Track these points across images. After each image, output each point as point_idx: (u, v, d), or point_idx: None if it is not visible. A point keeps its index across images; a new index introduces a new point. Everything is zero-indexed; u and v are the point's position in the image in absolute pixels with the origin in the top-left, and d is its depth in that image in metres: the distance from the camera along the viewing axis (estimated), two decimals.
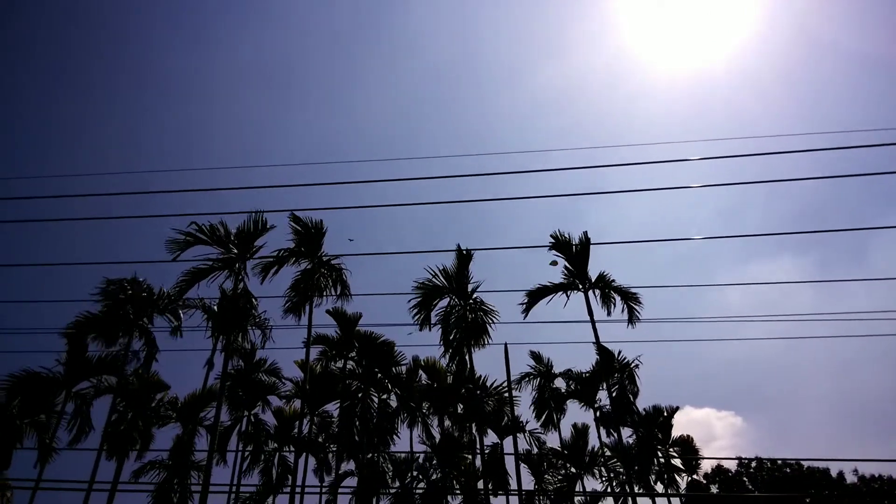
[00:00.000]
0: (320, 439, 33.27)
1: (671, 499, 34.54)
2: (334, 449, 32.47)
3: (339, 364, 31.90)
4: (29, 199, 18.73)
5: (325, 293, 27.93)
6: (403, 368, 32.47)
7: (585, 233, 28.48)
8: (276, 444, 33.52)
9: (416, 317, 27.84)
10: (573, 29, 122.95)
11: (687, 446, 36.20)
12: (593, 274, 28.39)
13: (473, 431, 28.90)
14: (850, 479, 43.00)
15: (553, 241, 28.66)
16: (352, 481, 30.28)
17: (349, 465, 31.32)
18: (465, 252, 27.88)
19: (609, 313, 27.79)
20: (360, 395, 30.87)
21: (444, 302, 28.30)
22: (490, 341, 27.37)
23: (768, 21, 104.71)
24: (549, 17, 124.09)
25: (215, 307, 28.30)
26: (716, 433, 74.21)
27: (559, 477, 33.03)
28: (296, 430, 32.37)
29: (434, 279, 28.36)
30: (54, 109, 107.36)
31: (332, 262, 27.92)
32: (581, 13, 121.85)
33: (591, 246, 28.45)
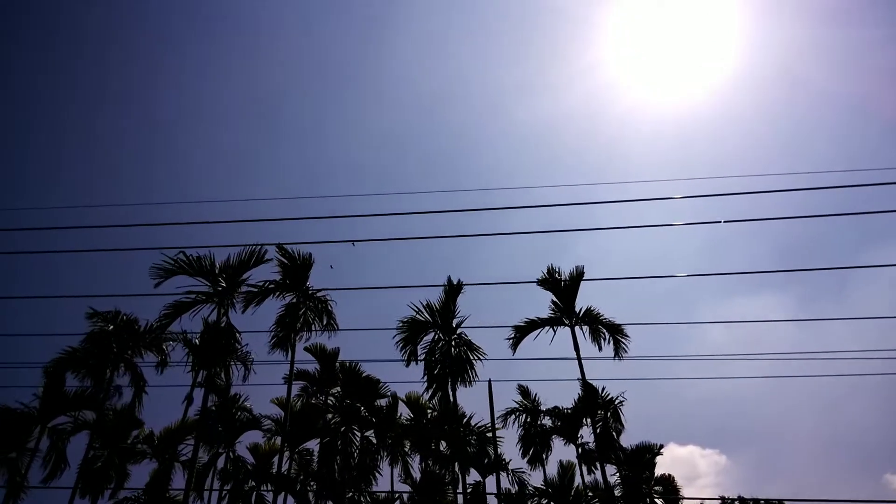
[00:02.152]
0: (300, 477, 32.61)
1: None
2: (314, 487, 31.82)
3: (321, 398, 31.56)
4: (9, 231, 18.57)
5: (312, 327, 27.63)
6: (385, 403, 32.15)
7: (577, 267, 28.54)
8: (253, 483, 32.79)
9: (403, 352, 27.70)
10: (558, 65, 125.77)
11: (668, 485, 35.87)
12: (580, 309, 28.54)
13: (456, 470, 28.53)
14: None
15: (544, 275, 28.75)
16: None
17: None
18: (455, 284, 27.67)
19: (600, 348, 27.81)
20: (342, 429, 30.45)
21: (429, 337, 28.21)
22: (477, 378, 27.13)
23: (751, 59, 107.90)
24: (534, 55, 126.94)
25: (196, 340, 27.98)
26: (700, 471, 73.80)
27: None
28: (274, 468, 31.77)
29: (418, 315, 28.29)
30: (37, 139, 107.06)
31: (318, 294, 27.76)
32: (566, 50, 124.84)
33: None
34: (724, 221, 19.59)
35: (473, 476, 31.01)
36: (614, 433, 29.50)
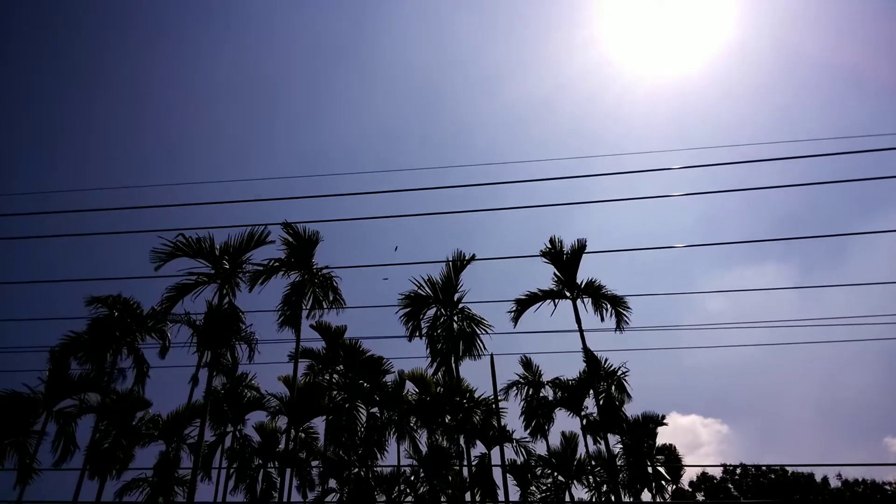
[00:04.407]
0: (302, 454, 32.85)
1: None
2: (319, 465, 32.12)
3: (326, 377, 31.73)
4: (8, 217, 18.48)
5: (322, 305, 27.64)
6: (390, 380, 32.33)
7: (579, 240, 28.53)
8: (260, 460, 33.11)
9: (406, 328, 27.84)
10: (554, 40, 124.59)
11: (670, 454, 36.34)
12: (581, 281, 28.62)
13: (461, 443, 28.81)
14: (835, 483, 43.40)
15: (547, 247, 28.76)
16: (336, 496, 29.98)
17: (334, 482, 31.04)
18: (463, 258, 27.67)
19: (602, 319, 27.94)
20: (346, 406, 30.63)
21: (431, 312, 28.32)
22: (485, 352, 27.29)
23: (745, 30, 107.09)
24: (530, 29, 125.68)
25: (200, 322, 27.99)
26: (702, 440, 74.75)
27: (546, 486, 32.95)
28: (281, 446, 32.05)
29: (420, 290, 28.37)
30: (33, 123, 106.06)
31: (323, 271, 27.67)
32: (562, 24, 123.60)
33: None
34: (722, 191, 19.62)
35: (479, 449, 31.37)
36: (618, 403, 29.76)
